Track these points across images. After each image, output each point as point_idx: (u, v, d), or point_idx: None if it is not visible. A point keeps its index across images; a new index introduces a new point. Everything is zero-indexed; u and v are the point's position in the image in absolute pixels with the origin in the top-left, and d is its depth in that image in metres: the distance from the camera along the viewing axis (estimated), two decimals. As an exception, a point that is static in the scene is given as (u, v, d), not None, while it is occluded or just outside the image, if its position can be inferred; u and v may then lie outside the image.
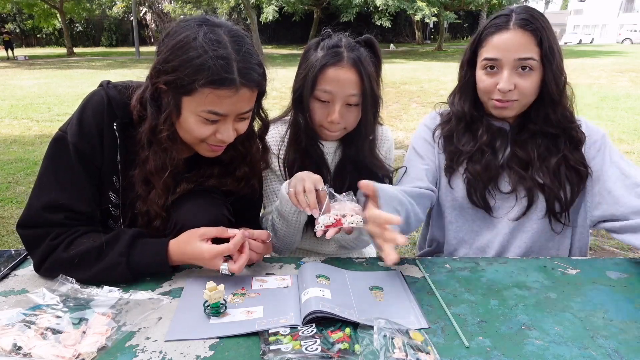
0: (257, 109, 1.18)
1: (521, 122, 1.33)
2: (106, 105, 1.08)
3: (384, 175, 1.40)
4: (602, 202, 1.25)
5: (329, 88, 1.23)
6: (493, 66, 1.25)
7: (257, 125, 1.24)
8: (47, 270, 1.05)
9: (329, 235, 1.06)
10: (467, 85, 1.35)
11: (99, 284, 1.01)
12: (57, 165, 1.06)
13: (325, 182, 1.17)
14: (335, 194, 1.14)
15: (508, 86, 1.22)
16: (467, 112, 1.35)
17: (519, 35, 1.20)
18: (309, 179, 1.13)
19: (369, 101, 1.27)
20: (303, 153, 1.35)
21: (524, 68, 1.21)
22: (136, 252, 1.04)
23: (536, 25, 1.20)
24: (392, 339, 0.82)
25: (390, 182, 1.42)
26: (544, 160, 1.30)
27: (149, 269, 1.06)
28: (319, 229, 1.07)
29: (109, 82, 1.14)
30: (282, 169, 1.38)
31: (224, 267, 1.03)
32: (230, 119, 1.05)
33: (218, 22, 1.04)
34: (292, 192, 1.13)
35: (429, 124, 1.47)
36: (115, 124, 1.08)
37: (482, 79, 1.28)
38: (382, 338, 0.82)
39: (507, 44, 1.21)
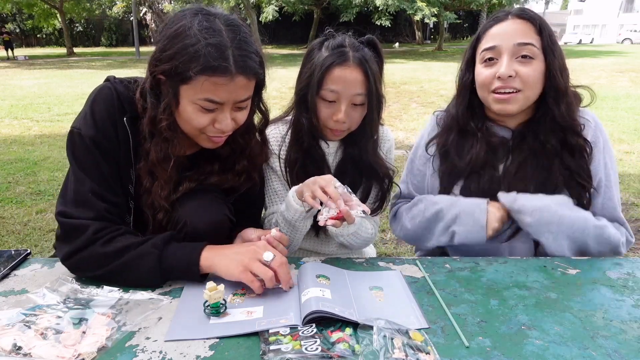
0: (258, 102, 1.18)
1: (522, 130, 1.29)
2: (115, 99, 1.08)
3: (384, 175, 1.40)
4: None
5: (335, 88, 1.24)
6: (492, 57, 1.21)
7: (256, 119, 1.24)
8: (78, 261, 1.03)
9: (330, 223, 1.08)
10: (464, 86, 1.32)
11: (123, 281, 1.01)
12: (80, 160, 1.06)
13: None
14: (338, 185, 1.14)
15: (507, 71, 1.17)
16: (461, 115, 1.32)
17: (518, 23, 1.19)
18: (322, 179, 1.13)
19: (374, 101, 1.27)
20: (304, 153, 1.35)
21: (524, 56, 1.18)
22: (170, 247, 1.03)
23: (533, 15, 1.19)
24: (392, 339, 0.82)
25: (390, 182, 1.43)
26: (544, 180, 1.25)
27: (179, 265, 1.02)
28: (322, 219, 1.08)
29: (114, 77, 1.15)
30: (283, 168, 1.38)
31: (269, 254, 1.01)
32: (228, 107, 1.05)
33: (214, 11, 1.04)
34: (308, 196, 1.12)
35: (426, 134, 1.45)
36: (125, 118, 1.08)
37: (481, 72, 1.24)
38: (382, 338, 0.82)
39: (505, 30, 1.19)
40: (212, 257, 1.03)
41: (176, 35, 0.99)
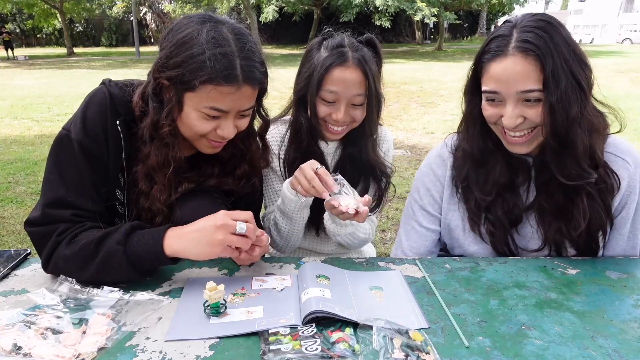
0: (258, 108, 1.18)
1: (543, 157, 1.13)
2: (109, 102, 1.08)
3: (382, 173, 1.40)
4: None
5: (335, 89, 1.24)
6: (495, 99, 1.08)
7: (257, 124, 1.24)
8: (53, 268, 1.04)
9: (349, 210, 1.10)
10: (473, 115, 1.17)
11: (101, 283, 1.00)
12: (62, 164, 1.06)
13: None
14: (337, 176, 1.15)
15: (513, 122, 1.05)
16: (477, 147, 1.19)
17: (519, 64, 1.01)
18: (305, 167, 1.14)
19: (374, 101, 1.27)
20: (303, 152, 1.36)
21: (529, 100, 1.04)
22: (133, 240, 0.99)
23: (540, 49, 1.00)
24: (392, 339, 0.82)
25: (388, 181, 1.43)
26: (576, 207, 1.11)
27: (146, 257, 1.00)
28: (351, 208, 1.09)
29: (110, 80, 1.14)
30: (282, 168, 1.38)
31: (242, 225, 0.97)
32: (232, 115, 1.05)
33: (221, 19, 1.05)
34: (300, 189, 1.14)
35: (436, 167, 1.31)
36: (118, 122, 1.08)
37: (486, 108, 1.11)
38: (382, 339, 0.82)
39: (505, 74, 1.03)
40: (179, 242, 0.99)
41: (183, 42, 0.99)
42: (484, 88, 1.09)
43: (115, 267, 0.99)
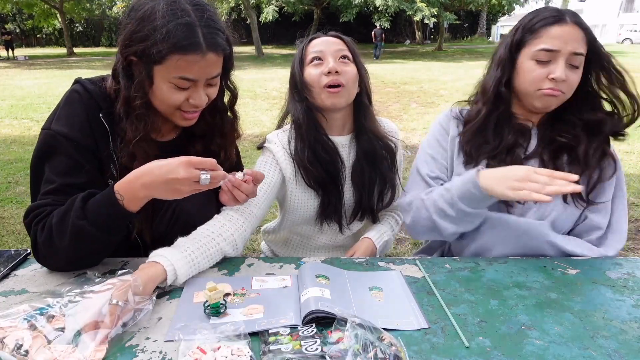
0: (226, 81, 1.21)
1: (550, 117, 1.32)
2: (88, 98, 1.11)
3: (388, 150, 1.44)
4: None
5: (318, 50, 1.34)
6: (548, 60, 1.22)
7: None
8: (41, 260, 1.05)
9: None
10: (506, 83, 1.30)
11: (91, 263, 1.04)
12: (52, 160, 1.08)
13: (339, 172, 1.36)
14: None
15: (563, 75, 1.20)
16: (506, 109, 1.32)
17: (576, 31, 1.22)
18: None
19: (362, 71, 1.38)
20: (309, 141, 1.35)
21: (573, 65, 1.22)
22: (89, 207, 0.99)
23: (586, 25, 1.24)
24: (366, 339, 0.80)
25: (393, 158, 1.46)
26: (582, 145, 1.27)
27: (107, 217, 0.99)
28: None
29: (81, 78, 1.18)
30: (296, 167, 1.37)
31: (205, 176, 0.96)
32: (201, 84, 1.09)
33: None
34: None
35: (444, 123, 1.42)
36: (101, 115, 1.11)
37: (532, 68, 1.24)
38: (354, 337, 0.80)
39: (566, 36, 1.21)
40: (145, 191, 0.98)
41: (147, 16, 1.02)
42: (542, 46, 1.23)
43: (91, 241, 1.00)
